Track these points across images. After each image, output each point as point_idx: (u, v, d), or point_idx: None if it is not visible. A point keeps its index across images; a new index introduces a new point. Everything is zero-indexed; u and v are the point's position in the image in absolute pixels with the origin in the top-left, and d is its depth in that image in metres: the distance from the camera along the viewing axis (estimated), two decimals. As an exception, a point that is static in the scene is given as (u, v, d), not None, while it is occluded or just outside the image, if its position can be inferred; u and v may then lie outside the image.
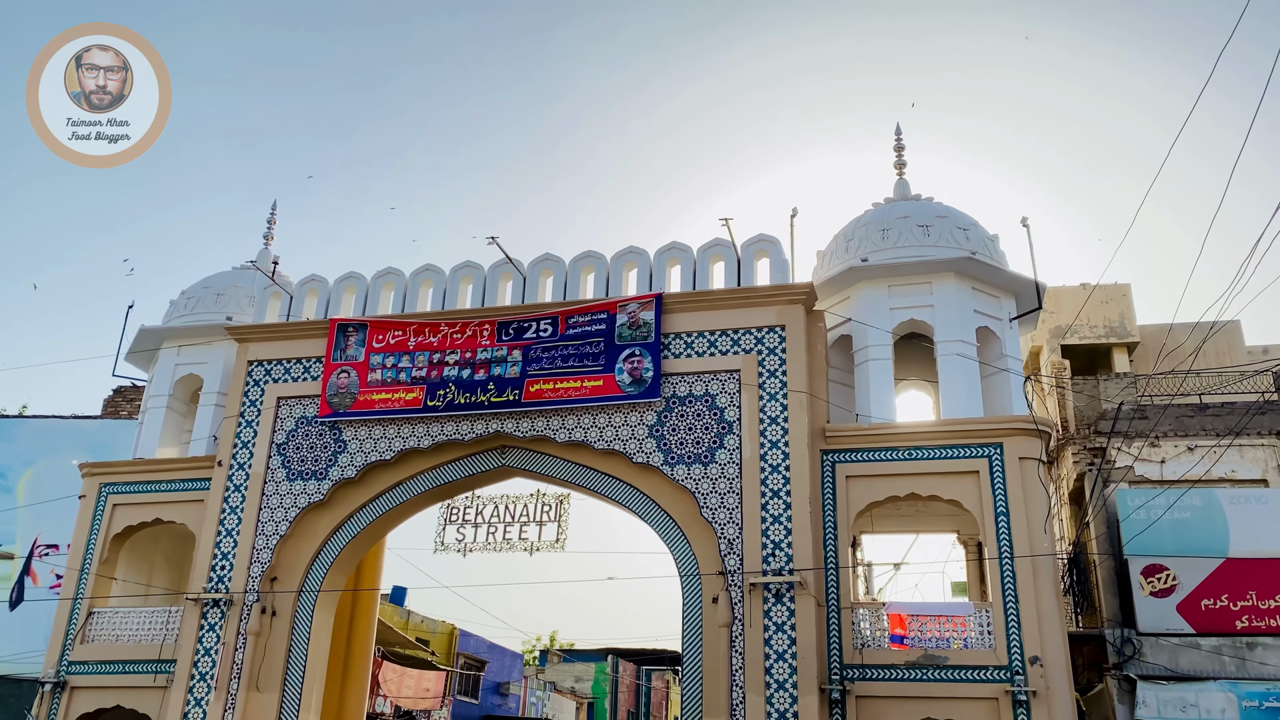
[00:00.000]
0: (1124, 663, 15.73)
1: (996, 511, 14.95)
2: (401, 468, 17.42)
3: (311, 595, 17.15)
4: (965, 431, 15.48)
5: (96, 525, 18.46)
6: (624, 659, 47.00)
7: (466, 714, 33.63)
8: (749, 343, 16.40)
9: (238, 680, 16.44)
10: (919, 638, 14.83)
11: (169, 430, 19.61)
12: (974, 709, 14.30)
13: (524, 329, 17.14)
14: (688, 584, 15.64)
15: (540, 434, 16.73)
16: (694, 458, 15.94)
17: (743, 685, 14.46)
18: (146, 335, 20.13)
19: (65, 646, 17.62)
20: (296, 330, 18.51)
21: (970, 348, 16.44)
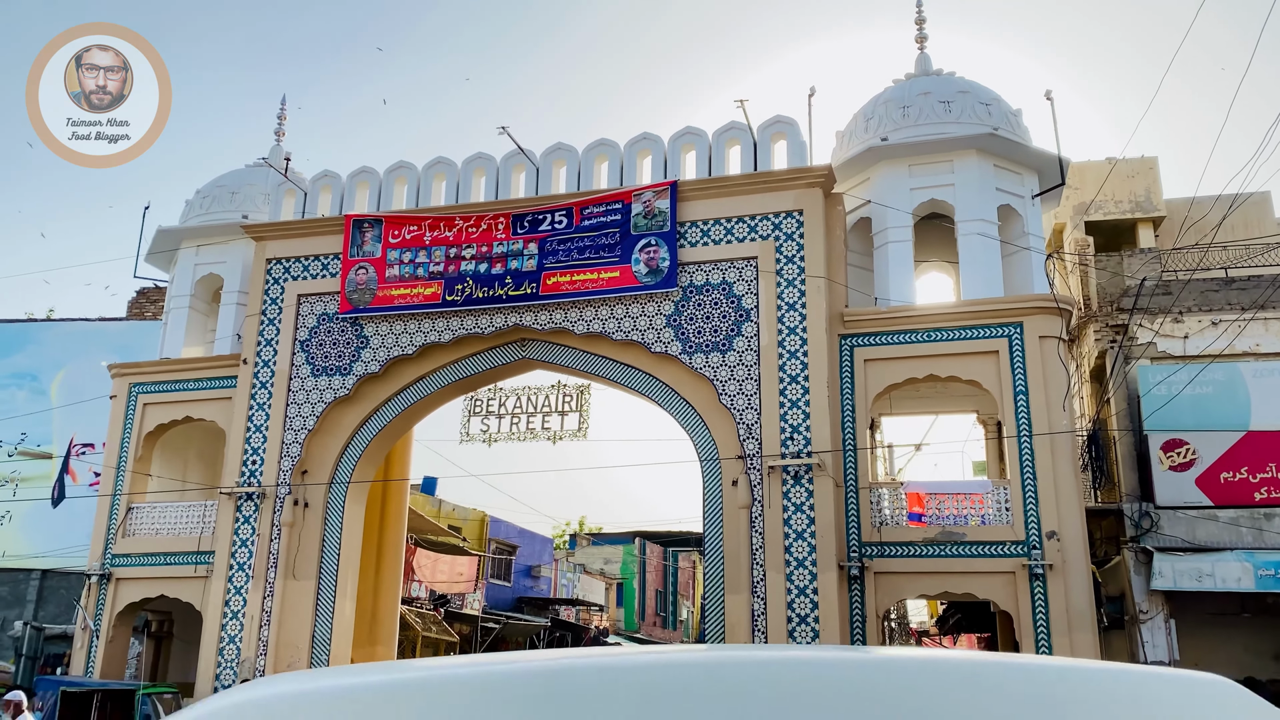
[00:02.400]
0: (1141, 535, 15.93)
1: (1015, 391, 14.98)
2: (423, 362, 17.60)
3: (341, 487, 17.58)
4: (985, 312, 15.39)
5: (129, 424, 18.89)
6: (651, 541, 48.15)
7: (499, 596, 34.76)
8: (766, 229, 16.23)
9: (274, 569, 17.03)
10: (937, 515, 15.07)
11: (193, 330, 19.85)
12: (991, 582, 14.62)
13: (539, 221, 17.03)
14: (708, 468, 15.88)
15: (558, 326, 16.80)
16: (712, 346, 15.98)
17: (763, 564, 14.83)
18: (164, 236, 20.20)
19: (108, 541, 18.27)
20: (312, 227, 18.49)
21: (992, 227, 16.21)
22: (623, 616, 44.30)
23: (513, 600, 35.69)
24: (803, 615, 14.45)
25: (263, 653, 16.64)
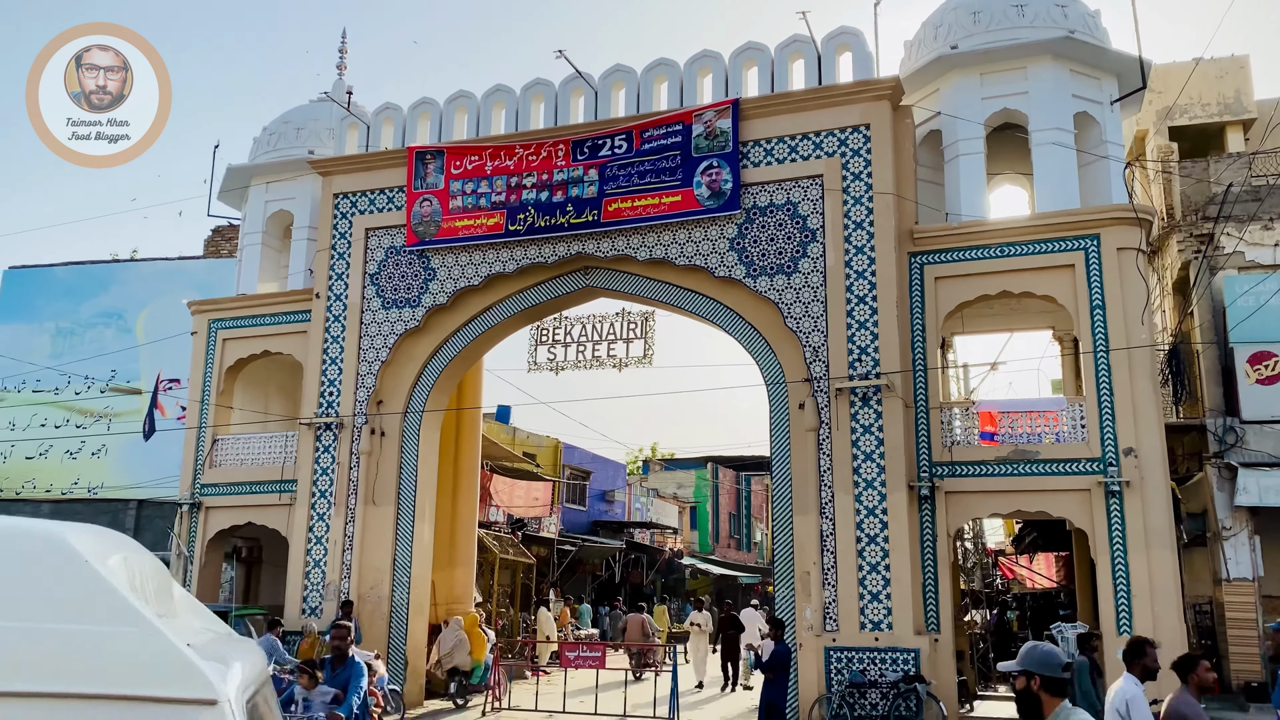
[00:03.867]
0: (1225, 451, 15.51)
1: (1092, 305, 14.52)
2: (490, 292, 17.75)
3: (416, 416, 17.97)
4: (1060, 224, 14.87)
5: (210, 359, 19.51)
6: (723, 466, 48.45)
7: (575, 520, 35.44)
8: (832, 145, 15.85)
9: (355, 496, 17.57)
10: (1009, 434, 14.82)
11: (267, 266, 20.29)
12: (1065, 500, 14.40)
13: (599, 147, 16.86)
14: (774, 392, 15.81)
15: (621, 253, 16.74)
16: (777, 268, 15.78)
17: (831, 485, 14.80)
18: (235, 174, 20.57)
19: (196, 472, 19.02)
20: (376, 160, 18.62)
21: (1068, 135, 15.57)
22: (697, 539, 44.87)
23: (588, 524, 36.37)
24: (872, 535, 14.43)
25: (347, 576, 17.27)
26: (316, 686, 9.25)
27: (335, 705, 8.94)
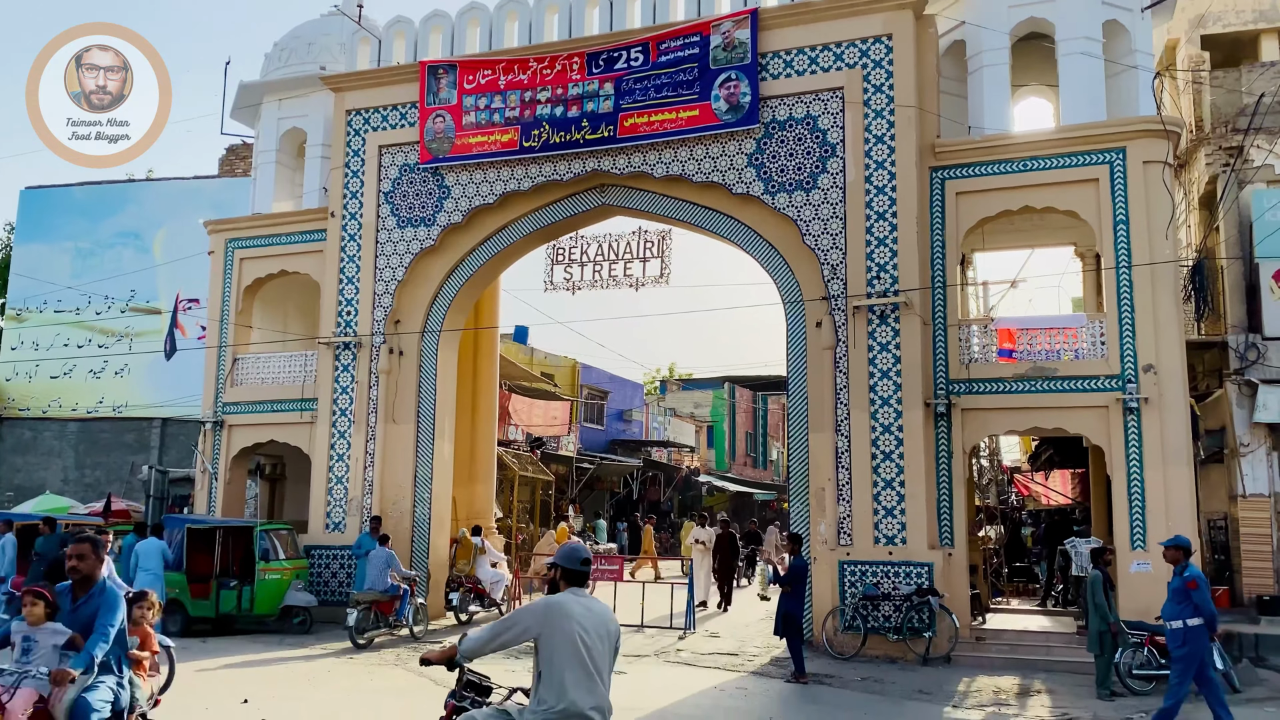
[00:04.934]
0: (1246, 368, 15.41)
1: (1115, 220, 14.28)
2: (505, 211, 17.63)
3: (434, 335, 18.03)
4: (1086, 137, 14.54)
5: (228, 279, 19.56)
6: (740, 385, 48.59)
7: (593, 439, 35.77)
8: (853, 56, 15.48)
9: (375, 414, 17.74)
10: (1028, 350, 14.74)
11: (281, 184, 20.19)
12: (1083, 417, 14.38)
13: (614, 60, 16.54)
14: (791, 311, 15.74)
15: (637, 170, 16.53)
16: (795, 184, 15.57)
17: (847, 403, 14.82)
18: (247, 91, 20.34)
19: (218, 390, 19.24)
20: (388, 76, 18.35)
21: (1095, 45, 15.12)
22: (713, 458, 45.26)
23: (606, 443, 36.71)
24: (887, 452, 14.49)
25: (369, 492, 17.55)
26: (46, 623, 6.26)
27: (70, 651, 6.15)
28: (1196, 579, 9.34)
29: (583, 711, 4.76)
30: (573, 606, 4.91)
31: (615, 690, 4.67)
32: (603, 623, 4.99)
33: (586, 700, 4.76)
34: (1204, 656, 9.25)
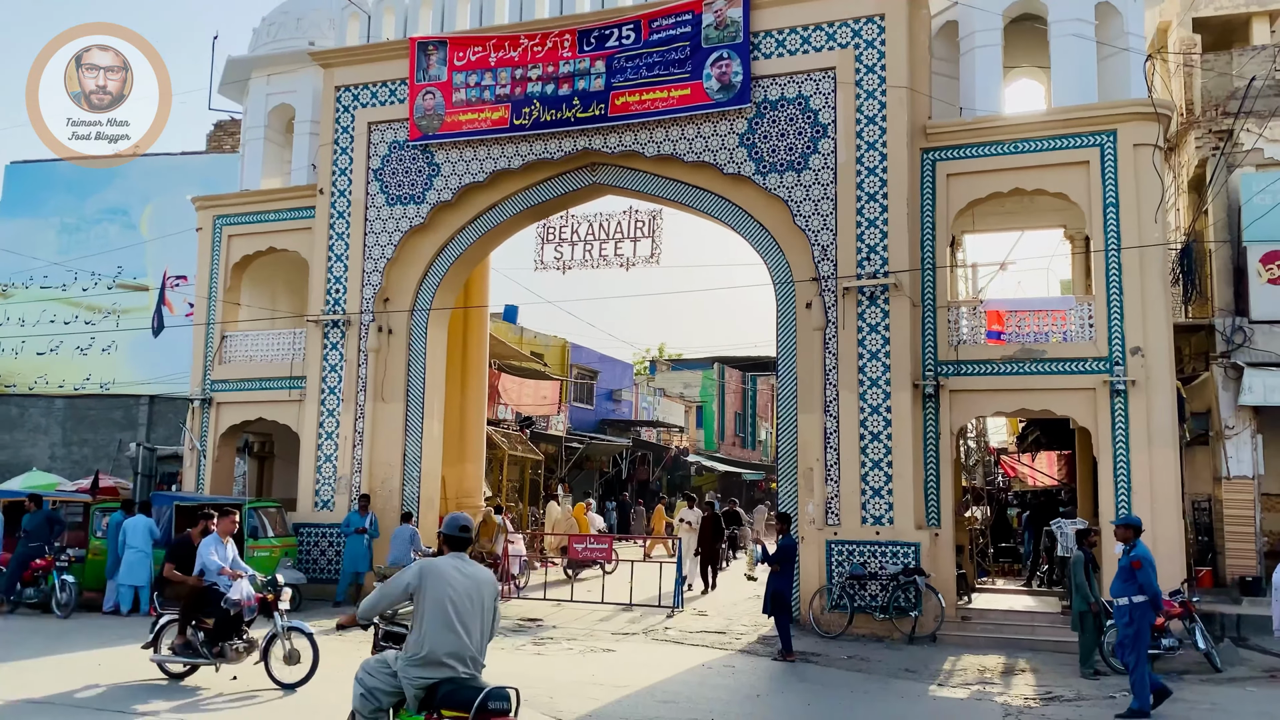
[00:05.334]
0: (1232, 351, 15.49)
1: (1105, 202, 14.32)
2: (495, 189, 17.56)
3: (423, 314, 17.99)
4: (1077, 119, 14.55)
5: (216, 256, 19.45)
6: (730, 366, 48.65)
7: (582, 419, 35.79)
8: (845, 36, 15.43)
9: (364, 393, 17.72)
10: (1016, 333, 14.80)
11: (270, 161, 20.05)
12: (1070, 399, 14.45)
13: (605, 37, 16.44)
14: (782, 291, 15.76)
15: (629, 149, 16.48)
16: (786, 165, 15.54)
17: (836, 384, 14.87)
18: (235, 66, 20.16)
19: (206, 368, 19.17)
20: (378, 52, 18.22)
21: (1088, 26, 15.11)
22: (702, 438, 45.36)
23: (595, 422, 36.73)
24: (875, 433, 14.55)
25: (357, 470, 17.54)
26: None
27: None
28: (1142, 559, 9.62)
29: (440, 659, 5.49)
30: (447, 570, 5.68)
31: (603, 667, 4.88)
32: (475, 585, 5.69)
33: (444, 649, 5.49)
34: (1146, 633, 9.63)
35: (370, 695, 5.74)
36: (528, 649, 12.86)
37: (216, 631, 9.93)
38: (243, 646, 10.02)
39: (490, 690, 5.44)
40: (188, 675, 10.15)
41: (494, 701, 5.42)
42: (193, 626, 9.95)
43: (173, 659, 10.09)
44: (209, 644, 9.93)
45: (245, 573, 10.32)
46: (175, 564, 10.55)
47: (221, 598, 9.96)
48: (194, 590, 10.11)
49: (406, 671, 5.57)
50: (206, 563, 10.16)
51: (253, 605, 10.04)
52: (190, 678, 10.14)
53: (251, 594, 10.06)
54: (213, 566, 10.14)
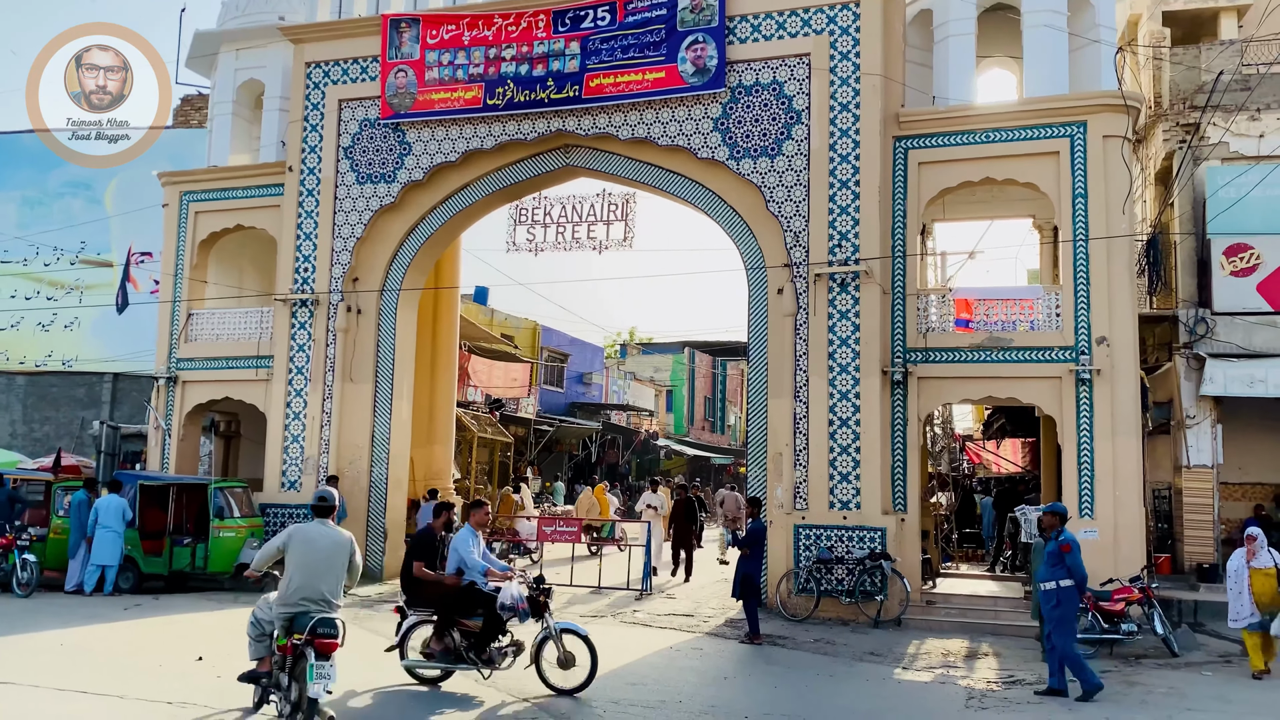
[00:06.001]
0: (1195, 342, 15.71)
1: (1075, 193, 14.46)
2: (467, 169, 17.43)
3: (393, 294, 17.85)
4: (1048, 110, 14.68)
5: (182, 232, 19.18)
6: (700, 351, 48.78)
7: (552, 401, 35.75)
8: (820, 22, 15.44)
9: (332, 373, 17.58)
10: (985, 321, 14.93)
11: (238, 137, 19.77)
12: (1037, 387, 14.62)
13: (581, 18, 16.34)
14: (754, 277, 15.79)
15: (603, 131, 16.41)
16: (760, 150, 15.55)
17: (806, 370, 14.95)
18: (203, 40, 19.83)
19: (172, 346, 18.92)
20: (349, 28, 18.00)
21: (1060, 18, 15.21)
22: (672, 421, 45.48)
23: (565, 405, 36.72)
24: (844, 419, 14.65)
25: (325, 451, 17.42)
26: None
27: None
28: (1069, 543, 9.89)
29: (298, 599, 7.26)
30: (311, 531, 7.52)
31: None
32: (333, 544, 7.50)
33: (301, 592, 7.27)
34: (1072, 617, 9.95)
35: (256, 624, 7.67)
36: (496, 631, 12.84)
37: (483, 634, 9.05)
38: (511, 650, 9.19)
39: (320, 619, 7.14)
40: (443, 680, 9.38)
41: (322, 627, 7.12)
42: (452, 629, 9.10)
43: (429, 664, 9.24)
44: (475, 648, 9.04)
45: (512, 572, 9.37)
46: (421, 560, 9.46)
47: (484, 596, 9.05)
48: (452, 590, 9.19)
49: (276, 609, 7.39)
50: (467, 560, 9.25)
51: (525, 610, 9.03)
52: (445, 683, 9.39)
53: (522, 596, 9.05)
54: (476, 565, 9.23)
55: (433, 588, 9.33)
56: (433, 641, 9.17)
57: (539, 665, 9.04)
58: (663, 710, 8.83)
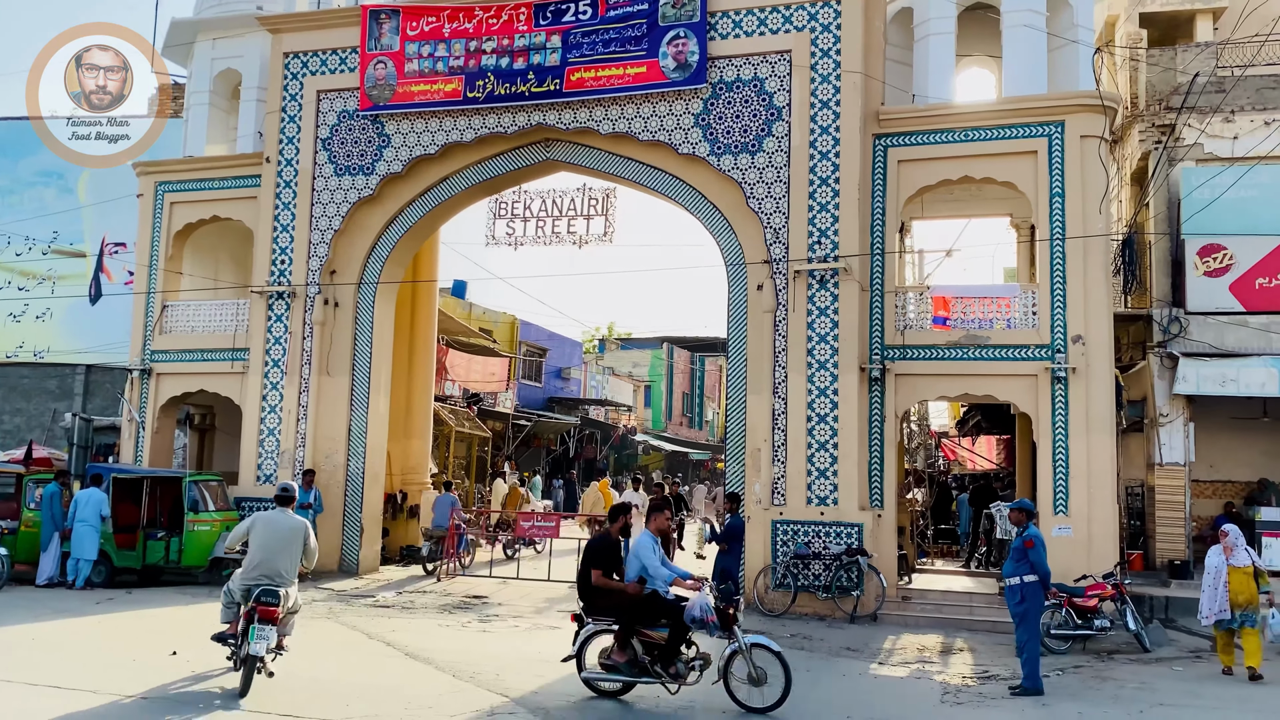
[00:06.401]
0: (1169, 341, 15.88)
1: (1052, 192, 14.57)
2: (447, 162, 17.34)
3: (370, 287, 17.75)
4: (1026, 109, 14.78)
5: (157, 223, 18.96)
6: (678, 346, 48.82)
7: (530, 396, 35.67)
8: (802, 19, 15.46)
9: (309, 366, 17.46)
10: (962, 319, 15.02)
11: (215, 127, 19.58)
12: (1012, 385, 14.74)
13: (562, 11, 16.29)
14: (734, 273, 15.81)
15: (583, 125, 16.37)
16: (741, 146, 15.56)
17: (785, 366, 14.99)
18: (179, 28, 19.62)
19: (146, 338, 18.72)
20: (328, 18, 17.87)
21: (1039, 17, 15.32)
22: (650, 417, 45.51)
23: (543, 400, 36.65)
24: (822, 415, 14.71)
25: (301, 444, 17.31)
26: None
27: None
28: (1034, 539, 9.97)
29: (256, 575, 8.71)
30: (273, 517, 9.04)
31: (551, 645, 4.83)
32: (288, 528, 8.98)
33: (260, 570, 8.73)
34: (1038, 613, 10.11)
35: (228, 593, 8.98)
36: (473, 626, 12.83)
37: (669, 646, 8.59)
38: (699, 664, 8.68)
39: (263, 589, 8.53)
40: (623, 694, 8.91)
41: (265, 597, 8.49)
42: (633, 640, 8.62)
43: (610, 677, 8.78)
44: (660, 661, 8.57)
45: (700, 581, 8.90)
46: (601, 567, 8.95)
47: (669, 606, 8.64)
48: (635, 599, 8.70)
49: (239, 580, 8.85)
50: (650, 567, 8.83)
51: (714, 622, 8.53)
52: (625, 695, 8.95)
53: (711, 607, 8.55)
54: (661, 574, 8.85)
55: (613, 596, 8.82)
56: (614, 653, 8.69)
57: (727, 681, 8.57)
58: (640, 705, 8.83)
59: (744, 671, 8.49)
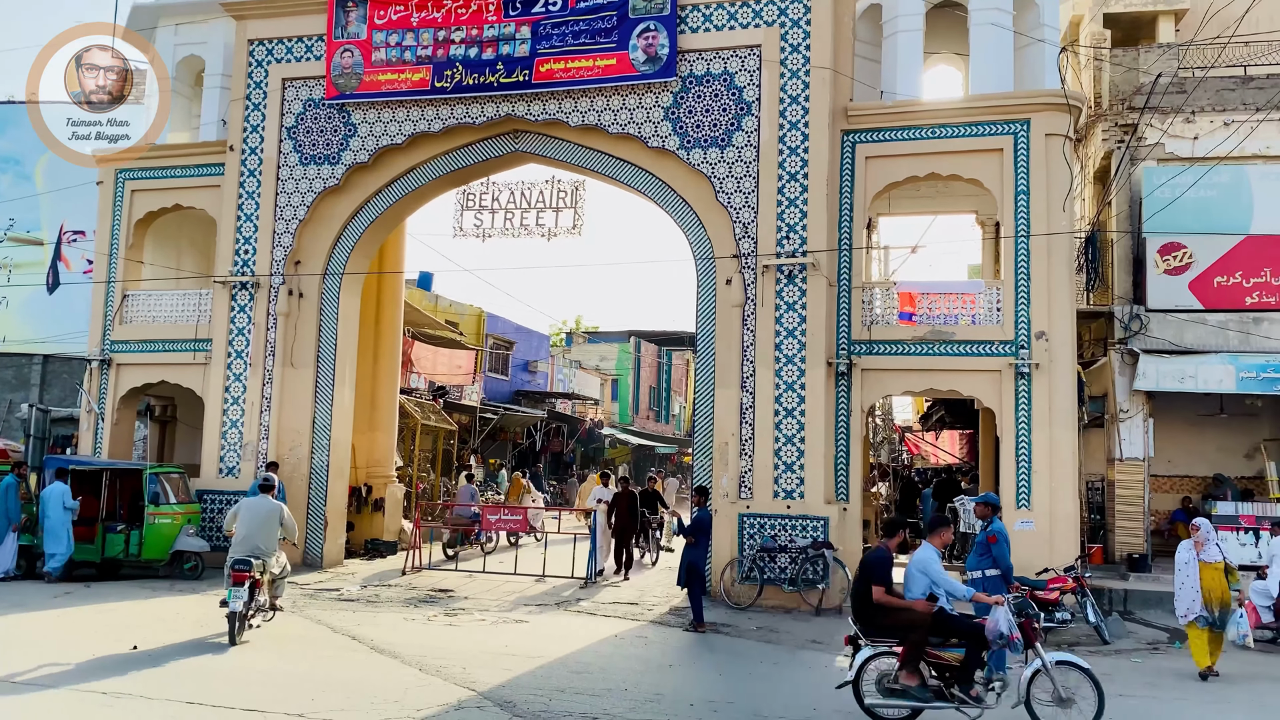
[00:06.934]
0: (1130, 338, 16.13)
1: (1017, 190, 14.72)
2: (414, 152, 17.20)
3: (335, 278, 17.57)
4: (993, 107, 14.90)
5: (118, 212, 18.63)
6: (646, 340, 48.83)
7: (497, 389, 35.51)
8: (771, 14, 15.49)
9: (273, 357, 17.26)
10: (927, 314, 15.15)
11: (177, 114, 19.24)
12: (977, 380, 14.88)
13: (531, 2, 16.20)
14: (702, 267, 15.83)
15: (552, 117, 16.31)
16: (710, 141, 15.58)
17: (753, 360, 15.04)
18: (140, 13, 19.24)
19: (106, 327, 18.40)
20: (294, 5, 17.62)
21: (1006, 16, 15.44)
22: (617, 410, 45.50)
23: (510, 393, 36.50)
24: (789, 409, 14.78)
25: (265, 436, 17.12)
26: None
27: None
28: (997, 534, 10.09)
29: (240, 551, 10.77)
30: (253, 502, 11.19)
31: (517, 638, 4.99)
32: (265, 510, 11.09)
33: (244, 545, 10.82)
34: None
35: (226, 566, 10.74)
36: (439, 620, 12.77)
37: (965, 668, 7.93)
38: (999, 685, 8.02)
39: (239, 558, 10.62)
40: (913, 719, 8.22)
41: (238, 565, 10.57)
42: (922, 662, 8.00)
43: (896, 703, 8.04)
44: (958, 684, 7.90)
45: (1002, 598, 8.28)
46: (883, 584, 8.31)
47: (963, 625, 8.10)
48: (924, 618, 8.05)
49: (229, 555, 10.79)
50: (943, 582, 8.32)
51: (1018, 640, 7.98)
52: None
53: (1014, 624, 7.99)
54: (959, 590, 8.43)
55: (900, 614, 8.19)
56: (902, 676, 7.98)
57: (1029, 704, 7.89)
58: (608, 698, 8.84)
59: (1049, 693, 7.89)
